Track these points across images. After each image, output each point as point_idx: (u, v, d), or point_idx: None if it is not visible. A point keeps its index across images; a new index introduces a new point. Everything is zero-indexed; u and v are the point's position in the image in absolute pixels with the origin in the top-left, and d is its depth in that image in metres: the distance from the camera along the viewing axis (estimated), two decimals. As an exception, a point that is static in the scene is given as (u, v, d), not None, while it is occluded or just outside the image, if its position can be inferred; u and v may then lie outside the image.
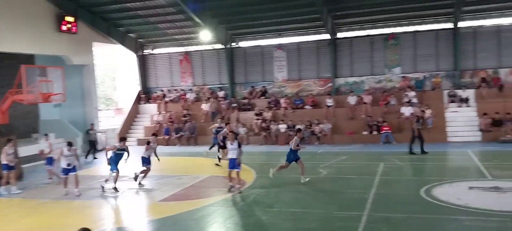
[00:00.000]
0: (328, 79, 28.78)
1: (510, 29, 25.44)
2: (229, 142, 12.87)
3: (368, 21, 27.68)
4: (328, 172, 16.12)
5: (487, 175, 13.87)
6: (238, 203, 11.66)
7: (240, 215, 10.62)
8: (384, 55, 27.73)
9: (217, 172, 16.20)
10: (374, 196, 11.68)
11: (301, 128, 20.59)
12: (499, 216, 9.38)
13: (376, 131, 24.40)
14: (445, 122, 24.23)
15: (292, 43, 29.76)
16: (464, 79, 26.09)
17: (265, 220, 10.07)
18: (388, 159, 17.92)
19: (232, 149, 12.65)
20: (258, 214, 10.57)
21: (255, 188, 13.40)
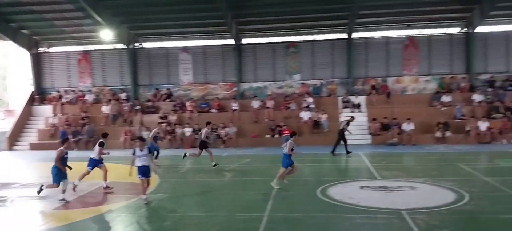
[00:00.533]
0: (233, 83, 29.28)
1: (397, 41, 28.02)
2: (138, 148, 11.86)
3: (270, 29, 28.73)
4: (232, 174, 16.41)
5: (377, 175, 15.08)
6: (139, 209, 11.43)
7: (141, 221, 10.42)
8: (285, 62, 28.94)
9: (118, 178, 15.68)
10: (275, 197, 12.16)
11: (215, 130, 20.67)
12: (386, 213, 10.28)
13: (278, 134, 25.33)
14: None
15: (198, 46, 29.84)
16: (356, 86, 28.13)
17: (167, 226, 10.01)
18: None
19: (141, 156, 11.78)
20: (160, 219, 10.46)
21: (159, 193, 13.22)
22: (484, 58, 27.38)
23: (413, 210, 10.30)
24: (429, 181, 13.81)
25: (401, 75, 28.09)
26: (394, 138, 24.01)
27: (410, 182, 13.65)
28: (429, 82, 27.83)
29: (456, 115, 25.04)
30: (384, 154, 20.73)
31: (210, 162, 17.59)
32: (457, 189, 12.38)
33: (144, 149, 11.86)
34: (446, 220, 9.66)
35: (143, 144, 11.97)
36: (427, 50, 27.84)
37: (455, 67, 27.69)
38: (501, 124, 23.68)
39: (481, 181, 13.93)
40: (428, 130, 24.48)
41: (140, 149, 11.82)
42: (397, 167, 17.56)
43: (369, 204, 11.13)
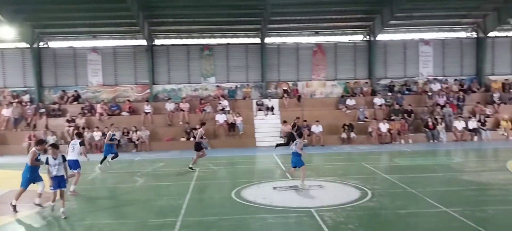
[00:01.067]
0: (146, 85, 28.65)
1: (306, 48, 29.30)
2: (51, 156, 10.70)
3: (184, 31, 28.57)
4: (145, 179, 16.05)
5: (289, 176, 15.63)
6: (44, 218, 10.78)
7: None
8: (200, 64, 28.95)
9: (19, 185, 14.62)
10: (189, 201, 12.11)
11: (127, 134, 20.06)
12: (297, 212, 10.72)
13: (194, 138, 25.16)
14: (254, 128, 26.45)
15: (108, 46, 28.80)
16: (269, 90, 28.92)
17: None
18: (203, 164, 18.71)
19: (55, 165, 10.61)
20: (66, 229, 9.96)
21: (66, 201, 12.55)
22: (384, 65, 29.58)
23: (321, 208, 10.85)
24: (336, 179, 14.62)
25: (310, 79, 29.41)
26: (304, 139, 25.01)
27: (319, 181, 14.36)
28: (335, 86, 29.45)
29: (360, 117, 26.75)
30: (295, 155, 21.47)
31: (124, 168, 17.05)
32: (361, 187, 13.24)
33: (58, 157, 10.71)
34: (351, 216, 10.30)
35: (56, 151, 10.79)
36: (333, 57, 29.45)
37: (359, 72, 29.60)
38: (399, 126, 25.73)
39: (382, 178, 15.02)
40: (334, 131, 25.86)
41: (53, 157, 10.66)
42: (307, 167, 18.31)
43: (281, 203, 11.53)
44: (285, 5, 25.43)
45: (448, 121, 26.28)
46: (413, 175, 15.10)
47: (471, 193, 12.62)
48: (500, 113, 26.95)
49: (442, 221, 9.93)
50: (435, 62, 29.81)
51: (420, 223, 9.83)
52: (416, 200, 11.81)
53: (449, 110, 26.81)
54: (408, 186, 13.33)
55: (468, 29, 29.93)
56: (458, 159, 19.48)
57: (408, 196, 12.34)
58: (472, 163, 18.45)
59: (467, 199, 11.87)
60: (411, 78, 29.69)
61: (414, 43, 29.79)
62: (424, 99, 28.04)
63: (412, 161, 18.74)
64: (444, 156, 20.72)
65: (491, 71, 29.84)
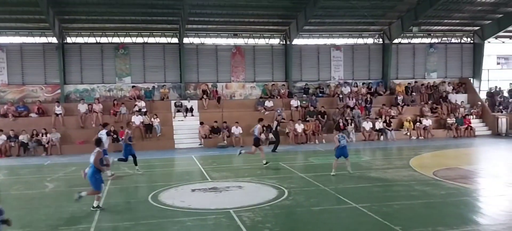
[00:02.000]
0: (56, 85, 27.14)
1: (224, 49, 29.55)
2: None
3: (98, 29, 27.50)
4: (55, 184, 15.23)
5: (208, 177, 15.69)
6: None
7: None
8: (114, 64, 28.02)
9: None
10: (104, 206, 11.72)
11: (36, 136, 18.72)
12: (216, 213, 10.82)
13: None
14: (173, 130, 26.12)
15: (14, 43, 26.88)
16: (189, 90, 28.73)
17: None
18: (118, 168, 18.15)
19: None
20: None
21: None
22: (299, 68, 30.69)
23: (240, 208, 11.07)
24: (254, 180, 14.96)
25: (230, 81, 29.68)
26: (224, 141, 25.19)
27: (237, 182, 14.59)
28: (254, 88, 30.00)
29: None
30: (214, 156, 21.63)
31: (33, 173, 16.03)
32: (278, 186, 13.69)
33: None
34: (269, 215, 10.63)
35: None
36: (252, 59, 29.98)
37: (276, 75, 30.42)
38: (314, 126, 26.85)
39: (298, 177, 15.62)
40: (253, 132, 26.28)
41: None
42: (226, 168, 18.54)
43: (199, 206, 11.57)
44: (203, 6, 25.44)
45: (357, 121, 27.93)
46: (326, 173, 15.86)
47: (378, 189, 13.56)
48: (403, 114, 29.15)
49: (352, 216, 10.59)
50: (345, 66, 31.48)
51: (332, 219, 10.40)
52: (329, 197, 12.46)
53: (358, 112, 28.49)
54: (321, 184, 14.01)
55: (375, 36, 32.03)
56: (366, 157, 20.79)
57: (321, 193, 12.98)
58: (379, 161, 19.78)
59: (375, 195, 12.75)
60: (324, 82, 31.10)
61: (327, 48, 31.23)
62: (336, 101, 29.51)
63: (325, 159, 19.65)
64: (354, 155, 21.90)
65: (395, 75, 32.17)
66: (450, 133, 28.06)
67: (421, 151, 21.49)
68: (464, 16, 29.52)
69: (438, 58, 32.82)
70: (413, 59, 32.58)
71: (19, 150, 23.06)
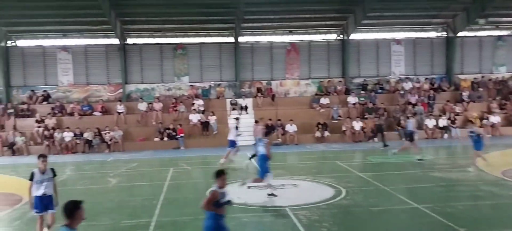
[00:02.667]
0: (118, 85, 28.21)
1: (279, 47, 29.39)
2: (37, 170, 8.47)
3: (157, 30, 28.28)
4: (118, 180, 15.80)
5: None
6: (14, 221, 10.49)
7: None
8: (173, 64, 28.68)
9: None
10: (163, 201, 11.99)
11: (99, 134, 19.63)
12: (272, 211, 10.76)
13: (167, 137, 24.94)
14: (228, 128, 26.29)
15: (79, 45, 28.23)
16: (243, 89, 28.88)
17: (45, 237, 9.31)
18: (177, 164, 18.56)
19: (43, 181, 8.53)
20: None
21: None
22: (357, 63, 29.91)
23: (295, 207, 10.90)
24: (310, 178, 14.72)
25: (284, 79, 29.50)
26: (278, 138, 25.08)
27: (293, 180, 14.43)
28: (309, 85, 29.62)
29: (333, 116, 26.98)
30: (270, 154, 21.50)
31: (97, 169, 16.74)
32: (335, 185, 13.37)
33: (47, 171, 8.46)
34: (325, 214, 10.39)
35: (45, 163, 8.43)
36: (307, 56, 29.60)
37: (332, 71, 29.85)
38: (372, 124, 26.08)
39: (356, 176, 15.20)
40: (308, 130, 26.00)
41: (41, 170, 8.35)
42: (281, 166, 18.39)
43: (255, 202, 11.53)
44: (259, 4, 25.42)
45: (420, 119, 26.78)
46: (386, 172, 15.34)
47: (441, 189, 12.91)
48: (469, 111, 27.64)
49: (413, 217, 10.12)
50: (406, 61, 30.33)
51: (392, 220, 9.99)
52: (389, 197, 12.00)
53: (420, 108, 27.34)
54: (380, 183, 13.53)
55: (438, 29, 30.59)
56: (429, 156, 19.87)
57: (381, 193, 12.52)
58: (442, 160, 18.88)
59: (438, 195, 12.14)
60: (384, 77, 30.13)
61: (387, 43, 30.24)
62: (397, 98, 28.50)
63: (385, 158, 19.03)
64: (416, 154, 21.09)
65: (460, 70, 30.57)
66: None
67: (488, 150, 20.16)
68: (537, 5, 27.49)
69: (507, 51, 30.78)
70: (480, 52, 30.78)
71: (84, 146, 24.19)
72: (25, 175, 15.14)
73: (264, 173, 12.14)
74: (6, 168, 18.72)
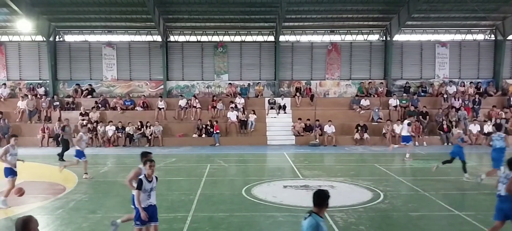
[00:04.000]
0: (160, 81, 28.78)
1: (320, 46, 29.11)
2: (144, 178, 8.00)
3: (198, 28, 28.62)
4: (156, 174, 16.05)
5: (299, 175, 15.58)
6: (57, 210, 10.89)
7: (58, 222, 9.93)
8: (213, 62, 28.96)
9: (32, 177, 14.80)
10: (200, 196, 12.14)
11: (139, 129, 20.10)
12: (307, 211, 10.67)
13: (206, 134, 25.23)
14: (266, 126, 26.36)
15: (123, 41, 29.00)
16: (282, 88, 28.82)
17: (86, 227, 9.63)
18: (214, 161, 18.75)
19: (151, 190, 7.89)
20: (78, 221, 10.03)
21: (77, 193, 12.69)
22: (400, 65, 29.22)
23: (332, 208, 10.74)
24: (347, 180, 14.51)
25: (324, 79, 29.21)
26: (316, 139, 24.87)
27: (330, 181, 14.26)
28: (349, 86, 29.19)
29: (374, 118, 26.47)
30: (306, 154, 21.42)
31: (137, 162, 17.04)
32: (373, 188, 13.12)
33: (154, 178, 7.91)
34: (363, 217, 10.21)
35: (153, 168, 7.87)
36: (348, 56, 29.18)
37: (374, 72, 29.29)
38: (414, 128, 25.38)
39: (395, 180, 14.85)
40: (347, 131, 25.63)
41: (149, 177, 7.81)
42: (318, 166, 18.26)
43: (291, 202, 11.48)
44: (300, 3, 25.27)
45: (463, 124, 25.85)
46: (426, 177, 14.89)
47: (484, 197, 12.39)
48: (517, 117, 26.45)
49: (454, 224, 9.79)
50: (451, 64, 29.35)
51: (431, 226, 9.70)
52: (429, 202, 11.66)
53: (464, 113, 26.39)
54: (420, 189, 13.17)
55: (487, 32, 29.43)
56: (473, 163, 19.14)
57: (421, 198, 12.18)
58: (486, 167, 18.11)
59: (481, 203, 11.69)
60: (427, 80, 29.27)
61: (431, 45, 29.37)
62: (440, 101, 27.63)
63: (425, 163, 18.48)
64: (458, 159, 20.37)
65: (509, 74, 29.28)
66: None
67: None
68: None
69: (561, 56, 29.27)
70: (531, 57, 29.42)
71: (125, 140, 24.83)
72: (71, 167, 15.72)
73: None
74: (52, 158, 19.45)
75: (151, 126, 25.10)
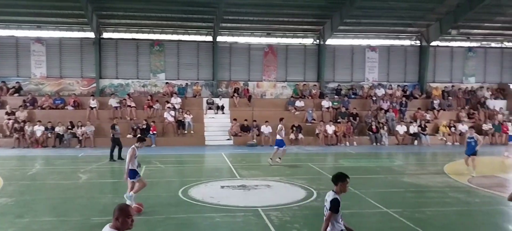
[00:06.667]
0: (92, 79, 27.80)
1: (257, 48, 29.55)
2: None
3: (134, 25, 27.98)
4: (88, 176, 15.59)
5: (237, 175, 15.72)
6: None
7: (-19, 229, 9.36)
8: (149, 60, 28.46)
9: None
10: (135, 199, 11.88)
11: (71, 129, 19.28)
12: (244, 211, 10.82)
13: (141, 135, 24.61)
14: (204, 127, 26.30)
15: (53, 38, 27.69)
16: (220, 88, 28.89)
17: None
18: (150, 162, 18.43)
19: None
20: (4, 226, 9.50)
21: (3, 197, 11.99)
22: (332, 68, 30.33)
23: (268, 207, 11.01)
24: (283, 179, 14.86)
25: (261, 80, 29.65)
26: (253, 139, 25.18)
27: (266, 181, 14.54)
28: (285, 88, 29.85)
29: (308, 119, 27.27)
30: (244, 154, 21.65)
31: (67, 164, 16.46)
32: (307, 187, 13.55)
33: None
34: (297, 215, 10.53)
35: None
36: (284, 58, 29.83)
37: (308, 75, 30.17)
38: (345, 128, 26.49)
39: (328, 179, 15.29)
40: (284, 132, 26.14)
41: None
42: (255, 166, 18.52)
43: (228, 202, 11.58)
44: (238, 4, 25.49)
45: (391, 125, 27.36)
46: (357, 176, 15.56)
47: (411, 194, 13.24)
48: (439, 119, 28.37)
49: (383, 221, 10.36)
50: (380, 68, 30.90)
51: (362, 223, 10.19)
52: (359, 200, 12.23)
53: (391, 115, 27.92)
54: (351, 187, 13.62)
55: (413, 38, 31.30)
56: (399, 162, 20.34)
57: (352, 196, 12.73)
58: (412, 166, 19.32)
59: (407, 201, 12.45)
60: (357, 83, 30.63)
61: (362, 49, 30.75)
62: (369, 103, 29.00)
63: (356, 162, 19.36)
64: (386, 159, 21.56)
65: (432, 78, 31.35)
66: (487, 139, 27.09)
67: (456, 157, 20.80)
68: (506, 20, 28.41)
69: (476, 62, 31.79)
70: (451, 62, 31.66)
71: (55, 141, 23.73)
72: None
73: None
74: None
75: (82, 126, 24.16)
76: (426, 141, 26.46)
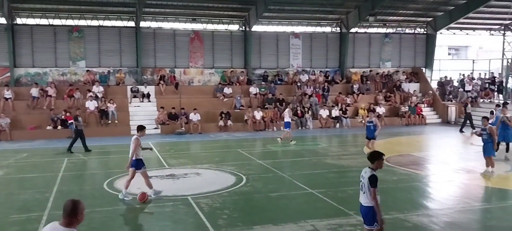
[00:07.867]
0: (5, 68, 25.95)
1: (183, 34, 29.11)
2: None
3: (50, 10, 26.40)
4: (5, 172, 14.65)
5: (165, 164, 15.56)
6: None
7: None
8: (68, 47, 27.09)
9: None
10: (57, 193, 11.42)
11: None
12: (173, 200, 10.78)
13: (62, 126, 23.51)
14: (129, 116, 25.58)
15: (-42, 24, 25.30)
16: (145, 76, 28.19)
17: None
18: (72, 154, 17.69)
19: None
20: None
21: None
22: (258, 55, 30.70)
23: (198, 195, 11.07)
24: (212, 166, 14.97)
25: (188, 67, 29.33)
26: (182, 127, 24.95)
27: (195, 169, 14.56)
28: (213, 75, 29.78)
29: (236, 105, 27.49)
30: (172, 143, 21.42)
31: (23, 156, 15.31)
32: (236, 172, 13.77)
33: None
34: (227, 201, 10.70)
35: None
36: (211, 45, 29.67)
37: (235, 61, 30.30)
38: (272, 113, 27.06)
39: (256, 164, 15.74)
40: (212, 119, 26.20)
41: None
42: (184, 155, 18.43)
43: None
44: (162, -11, 24.91)
45: (315, 109, 28.37)
46: (284, 159, 16.09)
47: (333, 175, 13.92)
48: (358, 102, 29.87)
49: (308, 201, 10.83)
50: (304, 54, 31.76)
51: (289, 204, 10.59)
52: (286, 183, 12.68)
53: (315, 99, 28.93)
54: (279, 170, 14.20)
55: (333, 25, 32.47)
56: (323, 144, 21.23)
57: (279, 179, 13.17)
58: (334, 148, 20.25)
59: (330, 181, 13.09)
60: (283, 69, 31.30)
61: (286, 36, 31.39)
62: (294, 89, 29.81)
63: (283, 146, 19.90)
64: (311, 142, 22.39)
65: (351, 64, 32.82)
66: (403, 120, 29.04)
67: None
68: (418, 7, 30.39)
69: (392, 48, 33.73)
70: (369, 48, 33.32)
71: (-35, 135, 21.95)
72: None
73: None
74: None
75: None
76: (346, 123, 27.79)
